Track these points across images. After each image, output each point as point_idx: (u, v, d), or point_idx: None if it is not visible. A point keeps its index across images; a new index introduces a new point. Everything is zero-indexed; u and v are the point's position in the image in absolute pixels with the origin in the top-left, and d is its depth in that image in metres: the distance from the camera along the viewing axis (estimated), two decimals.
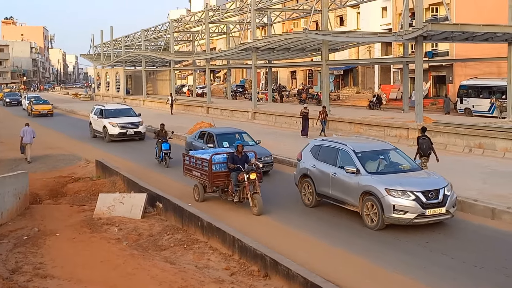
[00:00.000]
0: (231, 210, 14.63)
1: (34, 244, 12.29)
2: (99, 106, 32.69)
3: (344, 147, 13.99)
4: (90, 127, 32.66)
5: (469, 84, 38.50)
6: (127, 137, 29.64)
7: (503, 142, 21.16)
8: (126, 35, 72.79)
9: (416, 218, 12.06)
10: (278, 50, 41.30)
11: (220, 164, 15.01)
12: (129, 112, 31.72)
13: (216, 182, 14.93)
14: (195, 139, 21.74)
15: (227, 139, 20.02)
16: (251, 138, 20.80)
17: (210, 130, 21.57)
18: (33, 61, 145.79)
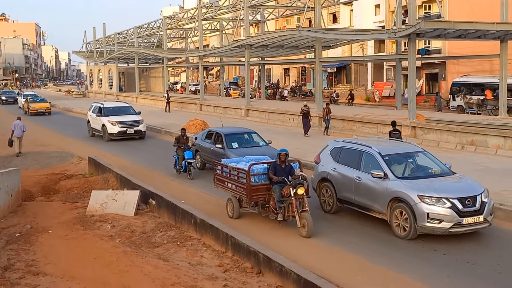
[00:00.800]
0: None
1: (27, 241, 12.24)
2: (97, 103, 31.66)
3: (369, 150, 13.00)
4: (88, 126, 31.80)
5: (461, 81, 38.64)
6: (127, 136, 28.80)
7: (495, 139, 21.27)
8: (119, 32, 72.52)
9: (453, 227, 11.19)
10: (271, 47, 41.31)
11: (260, 175, 13.02)
12: (129, 110, 30.89)
13: (256, 197, 12.94)
14: (202, 139, 20.51)
15: (236, 140, 19.12)
16: (261, 139, 19.82)
17: (218, 129, 20.15)
18: (25, 57, 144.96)
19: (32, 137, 29.27)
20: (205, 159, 19.99)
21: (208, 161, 19.62)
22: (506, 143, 20.88)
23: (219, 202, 15.05)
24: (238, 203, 13.60)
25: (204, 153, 20.01)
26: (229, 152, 17.97)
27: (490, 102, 34.97)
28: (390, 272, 10.03)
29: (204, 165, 20.15)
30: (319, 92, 32.92)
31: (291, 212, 12.11)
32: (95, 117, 30.29)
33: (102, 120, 29.17)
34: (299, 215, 11.95)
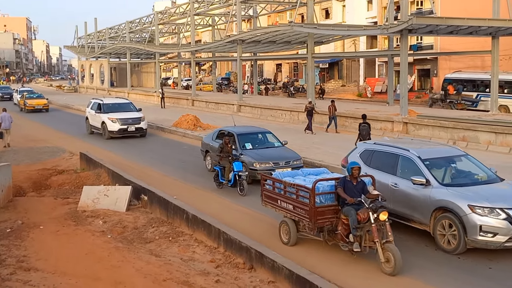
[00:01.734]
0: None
1: (18, 236, 12.19)
2: (96, 100, 30.33)
3: (406, 153, 11.75)
4: (86, 123, 30.50)
5: (453, 77, 38.74)
6: (128, 133, 27.49)
7: (487, 135, 21.38)
8: (111, 27, 72.19)
9: (508, 241, 10.01)
10: (263, 43, 41.26)
11: (326, 195, 10.60)
12: (129, 106, 29.61)
13: (321, 221, 10.45)
14: (213, 139, 18.94)
15: (250, 140, 17.88)
16: (276, 139, 18.50)
17: (230, 129, 18.67)
18: (16, 52, 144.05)
19: (28, 135, 29.04)
20: (216, 161, 18.05)
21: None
22: (497, 139, 20.99)
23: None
24: (295, 227, 11.16)
25: (214, 154, 18.17)
26: (243, 154, 16.73)
27: (452, 97, 37.20)
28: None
29: (212, 166, 18.65)
30: (312, 88, 32.93)
31: (370, 242, 9.82)
32: (94, 114, 29.09)
33: (101, 117, 27.93)
34: (382, 247, 9.61)
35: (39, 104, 45.74)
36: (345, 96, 51.62)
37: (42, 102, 46.20)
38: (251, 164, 16.36)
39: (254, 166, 16.34)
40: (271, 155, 16.89)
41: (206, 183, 17.08)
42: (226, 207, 14.40)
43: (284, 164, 16.38)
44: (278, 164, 16.36)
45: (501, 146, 20.64)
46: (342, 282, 9.19)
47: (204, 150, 19.44)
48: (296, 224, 11.14)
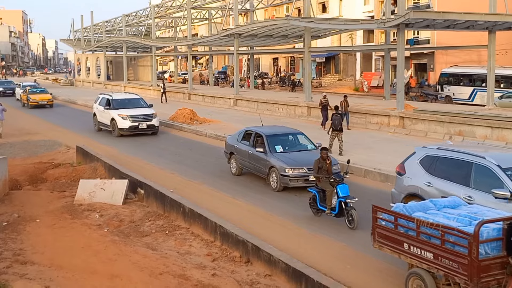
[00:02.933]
0: None
1: (14, 230, 12.18)
2: (104, 95, 28.78)
3: (482, 161, 10.06)
4: (94, 119, 28.92)
5: (450, 71, 38.78)
6: (139, 131, 26.03)
7: (483, 129, 21.42)
8: (107, 20, 71.95)
9: None
10: (260, 37, 41.16)
11: (493, 243, 7.67)
12: (139, 102, 28.00)
13: (486, 280, 7.50)
14: (239, 140, 17.40)
15: (280, 142, 16.17)
16: (309, 141, 16.73)
17: (258, 129, 17.03)
18: (12, 45, 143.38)
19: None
20: (242, 165, 17.07)
21: (247, 167, 16.86)
22: (493, 133, 21.04)
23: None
24: (433, 283, 8.12)
25: (241, 157, 17.02)
26: (273, 158, 15.36)
27: (413, 89, 41.50)
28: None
29: (240, 171, 17.23)
30: (308, 82, 32.90)
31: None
32: (102, 110, 27.41)
33: (111, 114, 26.39)
34: None
35: (43, 100, 43.20)
36: (341, 90, 51.47)
37: (46, 97, 43.66)
38: (283, 170, 14.73)
39: (286, 172, 14.67)
40: (305, 160, 14.88)
41: (204, 177, 17.11)
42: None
43: None
44: (312, 170, 13.64)
45: (497, 141, 20.66)
46: None
47: (228, 152, 17.78)
48: (435, 278, 8.12)
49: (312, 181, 13.88)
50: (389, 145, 21.14)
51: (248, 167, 16.72)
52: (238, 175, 17.24)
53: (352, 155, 18.59)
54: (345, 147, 19.49)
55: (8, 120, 29.66)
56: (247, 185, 16.26)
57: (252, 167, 16.49)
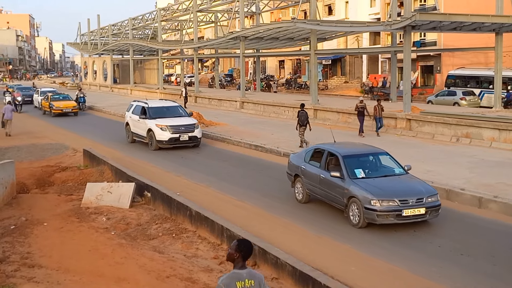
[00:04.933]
0: None
1: (22, 233, 12.21)
2: (139, 102, 25.71)
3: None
4: (126, 130, 25.78)
5: (456, 74, 38.70)
6: (180, 143, 22.92)
7: (490, 131, 21.32)
8: (113, 24, 72.22)
9: None
10: (266, 39, 41.19)
11: None
12: (178, 110, 24.92)
13: None
14: (306, 160, 14.27)
15: (360, 165, 13.03)
16: (395, 163, 13.43)
17: (330, 148, 13.83)
18: (19, 49, 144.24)
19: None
20: (310, 190, 13.87)
21: (316, 194, 13.64)
22: (501, 135, 20.94)
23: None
24: None
25: (308, 181, 13.87)
26: (353, 186, 12.19)
27: (375, 89, 44.80)
28: None
29: (308, 198, 14.12)
30: (314, 84, 32.88)
31: None
32: (137, 119, 24.37)
33: (147, 124, 23.35)
34: None
35: (67, 107, 39.26)
36: (348, 92, 51.51)
37: (70, 105, 39.73)
38: (367, 202, 11.66)
39: (372, 204, 11.60)
40: (395, 188, 12.17)
41: (212, 181, 17.08)
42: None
43: (416, 203, 11.69)
44: (406, 202, 11.63)
45: (504, 143, 20.58)
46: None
47: (293, 174, 14.69)
48: None
49: (407, 216, 11.62)
50: (396, 147, 21.07)
51: (319, 194, 13.52)
52: (304, 202, 14.11)
53: None
54: None
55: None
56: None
57: (323, 195, 13.30)
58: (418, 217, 11.72)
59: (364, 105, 24.46)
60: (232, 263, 5.48)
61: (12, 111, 28.75)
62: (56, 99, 40.39)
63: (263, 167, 19.16)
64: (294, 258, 9.61)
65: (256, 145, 22.63)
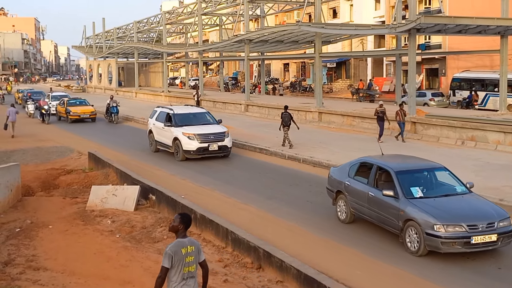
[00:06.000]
0: None
1: (27, 236, 12.25)
2: (163, 109, 23.72)
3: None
4: (149, 138, 23.83)
5: (461, 76, 38.60)
6: (209, 153, 21.02)
7: (495, 134, 21.26)
8: (118, 27, 72.40)
9: None
10: (271, 42, 41.23)
11: None
12: (205, 117, 23.06)
13: None
14: (350, 175, 12.63)
15: (416, 181, 11.38)
16: (455, 179, 11.74)
17: (379, 162, 12.11)
18: (24, 52, 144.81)
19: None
20: (356, 210, 12.25)
21: (363, 214, 12.03)
22: (506, 138, 20.87)
23: None
24: None
25: (354, 199, 12.26)
26: (410, 207, 10.58)
27: (360, 90, 46.55)
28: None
29: (352, 218, 12.51)
30: (319, 87, 32.87)
31: None
32: (161, 127, 22.47)
33: (173, 132, 21.51)
34: None
35: (85, 113, 36.94)
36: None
37: (88, 110, 37.36)
38: (429, 227, 10.08)
39: (435, 230, 10.02)
40: (461, 211, 10.54)
41: (216, 185, 17.08)
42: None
43: (486, 228, 10.09)
44: (475, 227, 10.06)
45: (510, 146, 20.52)
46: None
47: (334, 190, 13.10)
48: None
49: (476, 244, 10.04)
50: (401, 151, 21.03)
51: (366, 214, 11.88)
52: (348, 222, 12.55)
53: None
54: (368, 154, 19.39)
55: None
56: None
57: (373, 216, 11.65)
58: (489, 245, 10.11)
59: (384, 109, 23.61)
60: (175, 233, 6.41)
61: (16, 113, 29.40)
62: (73, 104, 38.12)
63: (268, 170, 19.16)
64: (299, 261, 9.59)
65: (260, 148, 22.64)
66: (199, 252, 6.47)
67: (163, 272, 6.27)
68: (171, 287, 6.30)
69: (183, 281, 6.30)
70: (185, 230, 6.43)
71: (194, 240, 6.62)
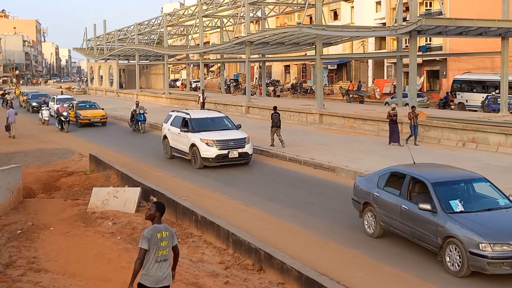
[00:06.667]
0: None
1: (28, 238, 12.25)
2: (179, 113, 22.39)
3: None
4: (164, 144, 22.60)
5: (462, 78, 38.60)
6: (228, 161, 19.80)
7: (496, 136, 21.25)
8: (119, 29, 72.56)
9: None
10: (272, 44, 41.26)
11: None
12: (224, 122, 21.76)
13: None
14: (380, 186, 11.65)
15: (454, 194, 10.46)
16: (497, 191, 10.74)
17: (412, 172, 11.14)
18: (25, 54, 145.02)
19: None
20: (387, 224, 11.28)
21: (395, 228, 11.06)
22: (507, 140, 20.87)
23: None
24: None
25: (384, 212, 11.33)
26: (451, 222, 9.71)
27: (350, 92, 47.64)
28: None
29: (381, 232, 11.54)
30: (320, 89, 32.88)
31: None
32: (177, 133, 21.20)
33: (190, 138, 20.26)
34: None
35: (95, 116, 35.36)
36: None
37: (99, 114, 35.83)
38: (474, 245, 9.19)
39: (482, 249, 9.11)
40: (508, 227, 9.62)
41: (217, 187, 17.08)
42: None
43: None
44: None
45: (511, 148, 20.50)
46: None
47: (361, 201, 12.11)
48: None
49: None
50: (402, 152, 21.04)
51: (399, 229, 10.91)
52: (377, 237, 11.58)
53: (365, 162, 18.58)
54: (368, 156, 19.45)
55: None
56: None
57: (406, 231, 10.68)
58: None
59: (397, 112, 22.95)
60: (151, 221, 7.08)
61: (15, 114, 30.28)
62: (83, 107, 36.67)
63: (268, 171, 19.16)
64: (300, 263, 9.58)
65: (261, 150, 22.63)
66: (172, 238, 7.13)
67: (142, 254, 6.84)
68: (146, 268, 6.90)
69: (157, 263, 6.92)
70: (160, 217, 7.11)
71: (168, 227, 7.26)
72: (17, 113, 31.35)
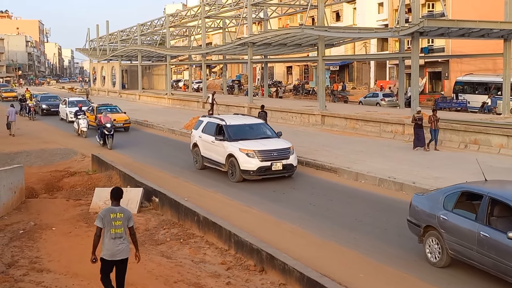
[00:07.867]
0: None
1: (30, 238, 12.28)
2: (211, 119, 20.09)
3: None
4: (193, 153, 20.20)
5: (464, 80, 38.61)
6: (271, 174, 17.43)
7: (498, 138, 21.24)
8: (122, 30, 72.63)
9: None
10: (274, 45, 41.28)
11: None
12: (262, 129, 19.45)
13: None
14: (447, 207, 9.81)
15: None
16: None
17: (494, 192, 9.15)
18: (28, 55, 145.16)
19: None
20: (457, 252, 9.50)
21: (469, 258, 9.26)
22: (509, 142, 20.85)
23: None
24: None
25: (454, 239, 9.50)
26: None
27: (335, 92, 49.31)
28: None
29: (449, 260, 9.76)
30: (322, 91, 32.89)
31: None
32: (211, 141, 18.78)
33: (227, 148, 17.88)
34: None
35: (118, 121, 30.99)
36: (355, 98, 51.44)
37: (122, 118, 32.02)
38: None
39: None
40: None
41: (220, 187, 17.09)
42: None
43: None
44: None
45: None
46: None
47: (422, 224, 10.31)
48: None
49: None
50: (404, 153, 21.06)
51: (476, 260, 9.11)
52: (443, 266, 9.85)
53: (367, 163, 18.60)
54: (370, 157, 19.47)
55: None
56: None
57: (487, 263, 8.87)
58: None
59: (422, 116, 21.79)
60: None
61: (16, 113, 31.46)
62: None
63: None
64: (301, 264, 9.59)
65: None
66: (128, 219, 8.24)
67: (98, 230, 8.16)
68: (103, 243, 8.14)
69: (111, 240, 8.13)
70: (115, 201, 8.27)
71: (125, 209, 8.42)
72: (18, 112, 32.59)
